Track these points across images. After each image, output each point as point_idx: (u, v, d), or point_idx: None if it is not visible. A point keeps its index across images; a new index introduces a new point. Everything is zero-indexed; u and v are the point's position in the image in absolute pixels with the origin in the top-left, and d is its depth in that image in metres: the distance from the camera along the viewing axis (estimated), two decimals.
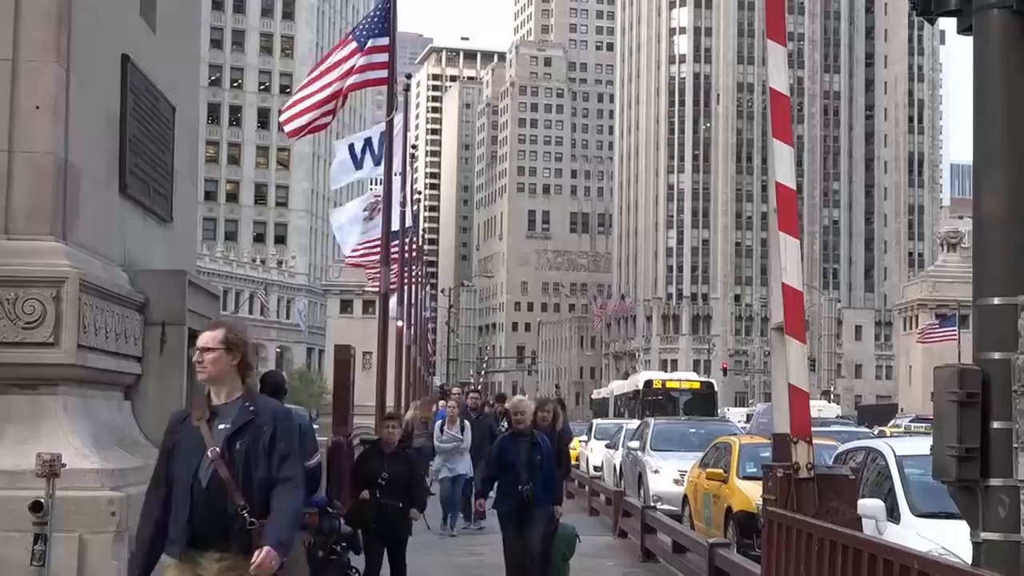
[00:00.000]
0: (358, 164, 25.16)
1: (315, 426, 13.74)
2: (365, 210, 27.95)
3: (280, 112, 24.00)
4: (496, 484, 12.61)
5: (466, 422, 20.68)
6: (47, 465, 6.93)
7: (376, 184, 25.36)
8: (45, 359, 8.01)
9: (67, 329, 8.02)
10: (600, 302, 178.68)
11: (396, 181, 26.84)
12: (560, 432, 15.14)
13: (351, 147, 24.94)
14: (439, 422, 20.93)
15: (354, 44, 22.02)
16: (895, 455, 12.55)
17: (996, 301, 5.88)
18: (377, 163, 24.90)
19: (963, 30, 6.34)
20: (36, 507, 6.97)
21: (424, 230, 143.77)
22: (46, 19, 8.35)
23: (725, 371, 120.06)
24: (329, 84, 21.59)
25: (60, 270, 8.04)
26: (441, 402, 30.52)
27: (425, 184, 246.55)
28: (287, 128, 21.69)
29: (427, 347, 77.58)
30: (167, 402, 9.55)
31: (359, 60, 22.03)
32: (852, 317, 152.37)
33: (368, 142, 25.17)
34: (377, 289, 25.77)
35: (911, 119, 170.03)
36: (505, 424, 18.95)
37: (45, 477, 6.95)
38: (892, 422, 63.69)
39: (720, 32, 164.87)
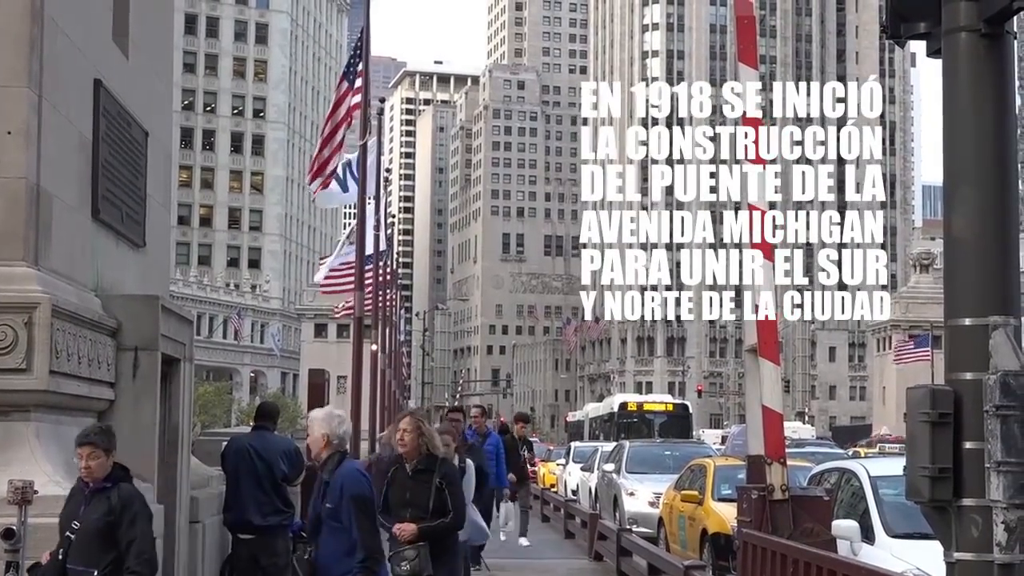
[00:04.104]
0: (344, 187, 25.30)
1: None
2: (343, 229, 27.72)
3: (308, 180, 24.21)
4: None
5: (468, 460, 12.35)
6: (19, 492, 6.87)
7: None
8: (17, 385, 7.95)
9: (39, 355, 7.96)
10: (574, 324, 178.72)
11: (370, 205, 26.91)
12: (441, 462, 9.61)
13: (335, 173, 25.04)
14: None
15: (346, 84, 22.41)
16: (869, 476, 12.59)
17: (967, 322, 5.91)
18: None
19: (932, 53, 6.40)
20: (8, 535, 6.90)
21: (398, 254, 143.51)
22: (17, 44, 8.31)
23: (700, 393, 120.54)
24: (335, 128, 22.18)
25: (32, 296, 7.99)
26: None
27: (399, 208, 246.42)
28: (312, 186, 22.78)
29: (402, 371, 77.45)
30: (140, 428, 9.49)
31: (345, 86, 22.41)
32: (826, 338, 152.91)
33: (349, 165, 25.28)
34: (351, 315, 25.77)
35: (883, 141, 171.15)
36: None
37: (17, 504, 6.89)
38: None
39: (692, 55, 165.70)
